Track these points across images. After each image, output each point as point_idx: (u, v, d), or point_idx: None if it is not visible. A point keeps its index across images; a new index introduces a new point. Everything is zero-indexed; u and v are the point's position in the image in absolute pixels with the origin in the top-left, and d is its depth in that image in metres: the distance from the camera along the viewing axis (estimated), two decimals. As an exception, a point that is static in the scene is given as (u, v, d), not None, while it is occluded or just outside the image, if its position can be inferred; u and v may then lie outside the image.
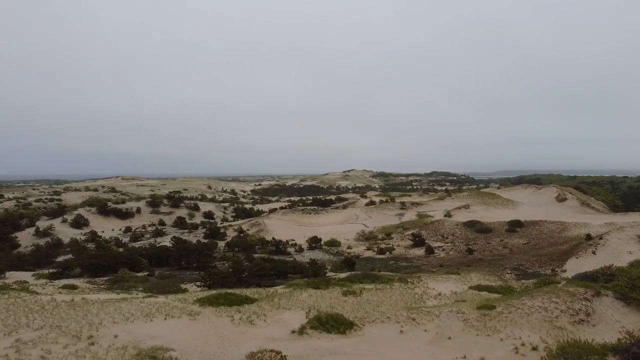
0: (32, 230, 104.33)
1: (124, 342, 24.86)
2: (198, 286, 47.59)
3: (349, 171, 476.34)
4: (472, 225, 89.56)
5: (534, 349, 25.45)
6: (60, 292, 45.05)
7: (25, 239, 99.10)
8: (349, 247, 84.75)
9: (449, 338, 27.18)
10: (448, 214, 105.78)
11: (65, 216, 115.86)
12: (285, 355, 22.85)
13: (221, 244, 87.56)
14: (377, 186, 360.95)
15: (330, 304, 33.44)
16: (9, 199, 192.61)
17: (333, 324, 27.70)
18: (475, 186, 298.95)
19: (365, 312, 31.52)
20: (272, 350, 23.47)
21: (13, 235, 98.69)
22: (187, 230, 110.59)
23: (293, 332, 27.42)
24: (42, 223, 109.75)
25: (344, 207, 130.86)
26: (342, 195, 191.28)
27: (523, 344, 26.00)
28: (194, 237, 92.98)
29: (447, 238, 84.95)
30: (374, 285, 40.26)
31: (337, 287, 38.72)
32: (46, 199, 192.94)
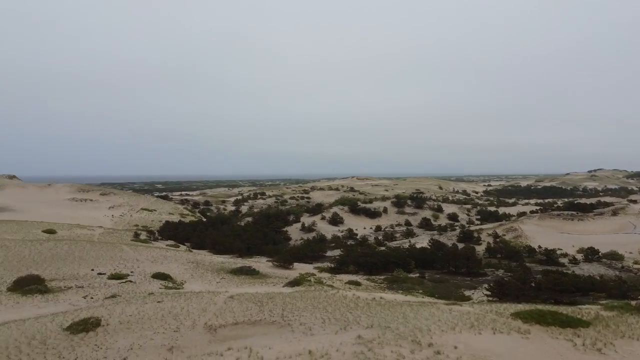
0: (298, 225, 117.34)
1: (470, 356, 23.91)
2: (487, 295, 45.38)
3: (595, 171, 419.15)
4: None
5: None
6: (350, 288, 48.08)
7: (294, 233, 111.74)
8: (636, 262, 72.10)
9: None
10: None
11: (323, 214, 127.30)
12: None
13: (478, 248, 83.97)
14: (635, 188, 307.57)
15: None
16: (270, 197, 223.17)
17: None
18: None
19: None
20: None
21: (284, 230, 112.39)
22: (435, 231, 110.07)
23: (669, 372, 22.79)
24: (306, 219, 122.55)
25: (614, 213, 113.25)
26: (603, 199, 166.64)
27: None
28: (447, 240, 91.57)
29: None
30: None
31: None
32: (298, 196, 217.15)
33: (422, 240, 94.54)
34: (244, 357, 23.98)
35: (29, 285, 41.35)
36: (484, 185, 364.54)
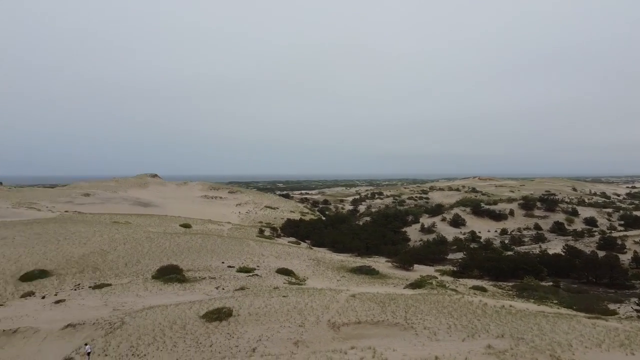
0: (417, 226, 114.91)
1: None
2: (637, 311, 40.31)
3: None
4: None
5: None
6: (475, 294, 45.49)
7: (413, 233, 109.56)
8: None
9: None
10: None
11: (443, 215, 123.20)
12: None
13: (622, 257, 74.93)
14: None
15: None
16: (387, 196, 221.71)
17: None
18: None
19: None
20: None
21: (403, 230, 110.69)
22: (569, 237, 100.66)
23: None
24: (425, 220, 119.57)
25: None
26: None
27: None
28: (584, 247, 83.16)
29: None
30: None
31: None
32: (416, 197, 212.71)
33: (555, 246, 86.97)
34: (368, 358, 23.75)
35: (170, 274, 45.32)
36: (628, 187, 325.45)
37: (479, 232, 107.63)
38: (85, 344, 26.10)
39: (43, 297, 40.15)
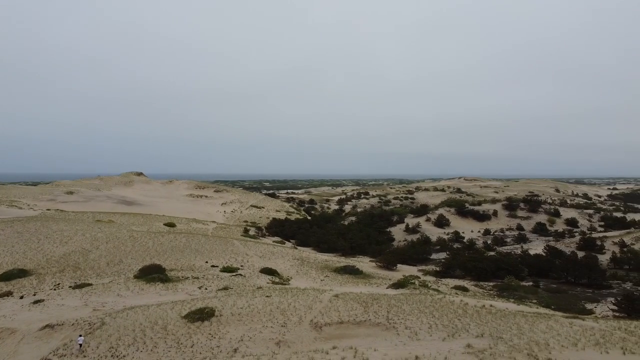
0: (402, 226, 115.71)
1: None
2: (612, 310, 41.15)
3: None
4: None
5: None
6: (457, 294, 46.07)
7: (398, 233, 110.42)
8: None
9: None
10: None
11: (428, 215, 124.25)
12: None
13: (601, 258, 76.46)
14: None
15: None
16: (373, 196, 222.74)
17: None
18: None
19: None
20: None
21: (388, 230, 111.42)
22: (551, 237, 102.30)
23: None
24: (410, 220, 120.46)
25: None
26: None
27: None
28: (565, 247, 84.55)
29: None
30: None
31: None
32: (402, 197, 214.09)
33: (536, 247, 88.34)
34: (349, 358, 23.94)
35: (152, 274, 45.08)
36: (609, 189, 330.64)
37: (463, 233, 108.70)
38: (80, 335, 26.10)
39: (21, 297, 39.72)
